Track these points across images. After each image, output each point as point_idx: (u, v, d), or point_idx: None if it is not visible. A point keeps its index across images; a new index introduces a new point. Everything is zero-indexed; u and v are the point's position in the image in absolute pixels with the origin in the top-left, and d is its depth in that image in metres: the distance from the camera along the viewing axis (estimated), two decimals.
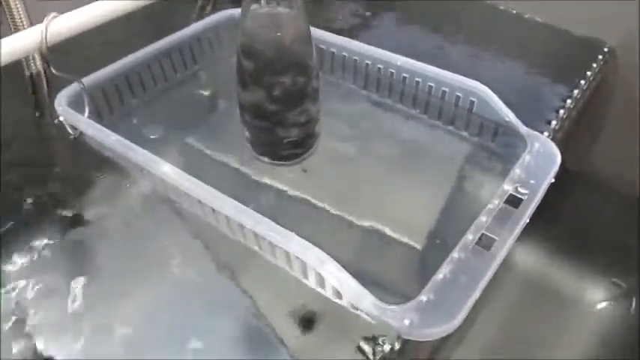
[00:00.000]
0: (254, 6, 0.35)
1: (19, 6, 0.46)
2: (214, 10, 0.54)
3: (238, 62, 0.38)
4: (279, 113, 0.38)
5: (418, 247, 0.36)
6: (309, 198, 0.40)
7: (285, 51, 0.37)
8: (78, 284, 0.34)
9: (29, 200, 0.39)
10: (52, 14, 0.40)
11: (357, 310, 0.31)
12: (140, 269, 0.35)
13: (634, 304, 0.56)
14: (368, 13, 0.62)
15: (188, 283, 0.34)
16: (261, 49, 0.36)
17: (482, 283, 0.31)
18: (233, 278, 0.35)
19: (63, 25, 0.40)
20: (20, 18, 0.47)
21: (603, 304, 0.57)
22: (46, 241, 0.36)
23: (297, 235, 0.32)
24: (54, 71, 0.41)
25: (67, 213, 0.38)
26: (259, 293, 0.34)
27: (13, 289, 0.33)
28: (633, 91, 0.57)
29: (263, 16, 0.36)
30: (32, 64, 0.50)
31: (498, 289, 0.57)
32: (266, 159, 0.42)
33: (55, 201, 0.39)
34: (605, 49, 0.55)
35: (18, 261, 0.35)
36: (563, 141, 0.50)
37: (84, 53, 0.50)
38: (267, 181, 0.41)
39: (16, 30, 0.47)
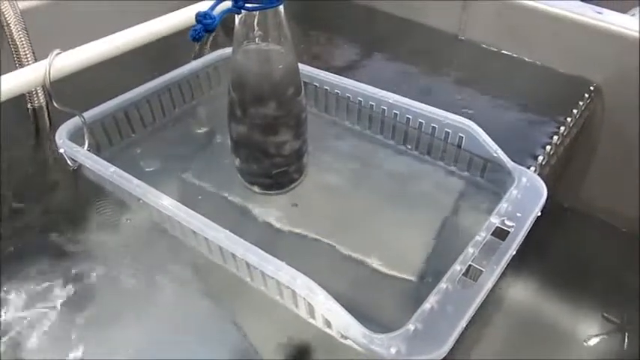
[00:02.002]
0: (245, 42, 0.37)
1: (23, 41, 0.48)
2: (213, 49, 0.55)
3: (229, 95, 0.40)
4: (266, 144, 0.40)
5: (407, 278, 0.37)
6: (299, 231, 0.40)
7: (273, 85, 0.38)
8: (71, 313, 0.34)
9: (26, 229, 0.40)
10: (56, 51, 0.41)
11: (346, 339, 0.31)
12: (133, 299, 0.36)
13: (626, 339, 0.56)
14: (360, 52, 0.64)
15: (179, 313, 0.35)
16: (249, 82, 0.38)
17: (469, 314, 0.31)
18: (225, 309, 0.35)
19: (66, 61, 0.41)
20: (25, 53, 0.48)
21: (595, 339, 0.57)
22: (41, 270, 0.37)
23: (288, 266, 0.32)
24: (56, 105, 0.42)
25: (63, 242, 0.39)
26: (251, 325, 0.34)
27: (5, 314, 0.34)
28: (619, 128, 0.58)
29: (253, 51, 0.38)
30: (35, 98, 0.51)
31: (491, 324, 0.57)
32: (256, 188, 0.43)
33: (52, 230, 0.40)
34: (592, 87, 0.57)
35: (12, 289, 0.35)
36: (553, 176, 0.51)
37: (85, 88, 0.51)
38: (259, 213, 0.42)
39: (21, 65, 0.48)
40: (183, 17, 0.46)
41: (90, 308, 0.35)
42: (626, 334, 0.56)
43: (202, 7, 0.34)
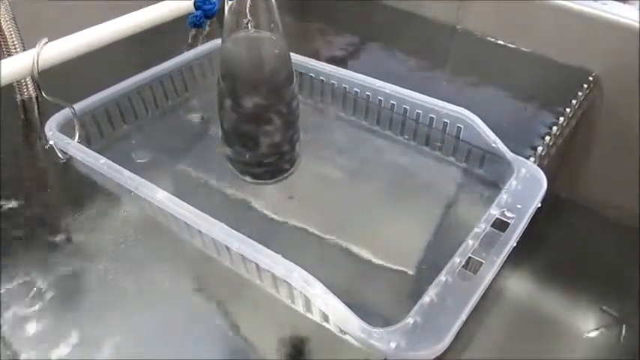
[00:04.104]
0: (235, 30, 0.36)
1: (12, 31, 0.47)
2: (206, 39, 0.54)
3: (219, 84, 0.39)
4: (257, 132, 0.39)
5: (406, 271, 0.36)
6: (295, 223, 0.40)
7: (264, 72, 0.38)
8: (61, 307, 0.33)
9: (16, 223, 0.39)
10: (44, 40, 0.40)
11: (345, 334, 0.31)
12: (125, 294, 0.35)
13: (624, 332, 0.56)
14: (357, 43, 0.63)
15: (174, 308, 0.34)
16: (240, 70, 0.38)
17: (469, 306, 0.31)
18: (220, 305, 0.34)
19: (55, 50, 0.40)
20: (13, 42, 0.47)
21: (593, 332, 0.56)
22: (31, 263, 0.36)
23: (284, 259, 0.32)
24: (45, 96, 0.41)
25: (53, 235, 0.38)
26: (247, 320, 0.33)
27: None
28: (619, 118, 0.58)
29: (243, 39, 0.37)
30: (24, 89, 0.50)
31: (489, 317, 0.57)
32: (247, 178, 0.42)
33: (42, 223, 0.39)
34: (591, 78, 0.57)
35: (1, 283, 0.35)
36: (553, 168, 0.50)
37: (76, 79, 0.50)
38: (254, 205, 0.41)
39: (9, 54, 0.47)
40: (175, 6, 0.45)
41: (80, 302, 0.34)
42: (624, 327, 0.56)
43: None
